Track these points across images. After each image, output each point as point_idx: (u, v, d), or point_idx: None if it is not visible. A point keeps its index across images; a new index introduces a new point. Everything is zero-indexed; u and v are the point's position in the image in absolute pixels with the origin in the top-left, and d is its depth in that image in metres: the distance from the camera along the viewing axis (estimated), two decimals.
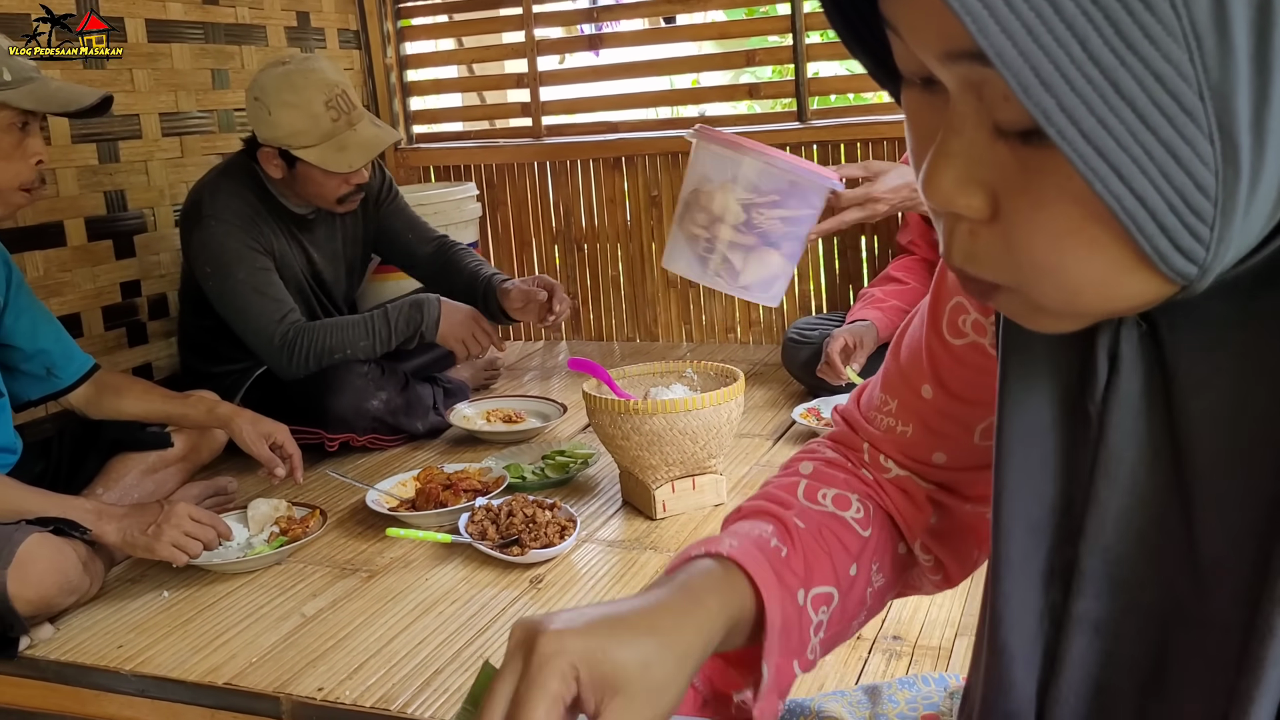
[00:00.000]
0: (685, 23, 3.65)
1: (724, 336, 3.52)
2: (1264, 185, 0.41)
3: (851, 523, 0.76)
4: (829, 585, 0.72)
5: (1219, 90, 0.38)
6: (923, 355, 0.75)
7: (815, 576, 0.72)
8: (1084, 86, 0.38)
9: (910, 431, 0.78)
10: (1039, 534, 0.59)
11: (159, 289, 2.91)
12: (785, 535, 0.72)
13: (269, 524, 2.09)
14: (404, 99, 3.81)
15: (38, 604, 1.72)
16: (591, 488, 2.27)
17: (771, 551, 0.70)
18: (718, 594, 0.64)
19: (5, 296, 2.02)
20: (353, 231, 2.75)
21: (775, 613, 0.66)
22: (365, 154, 2.41)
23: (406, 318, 2.48)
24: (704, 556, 0.67)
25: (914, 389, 0.77)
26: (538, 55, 3.60)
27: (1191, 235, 0.41)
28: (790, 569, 0.70)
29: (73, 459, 2.17)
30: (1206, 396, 0.50)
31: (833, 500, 0.77)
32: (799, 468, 0.82)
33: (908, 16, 0.45)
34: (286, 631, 1.74)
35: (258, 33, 3.21)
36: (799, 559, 0.71)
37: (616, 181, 3.54)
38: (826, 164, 3.26)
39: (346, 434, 2.51)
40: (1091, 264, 0.44)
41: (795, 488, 0.79)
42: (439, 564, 1.95)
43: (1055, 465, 0.58)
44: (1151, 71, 0.38)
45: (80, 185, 2.68)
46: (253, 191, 2.49)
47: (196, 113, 3.01)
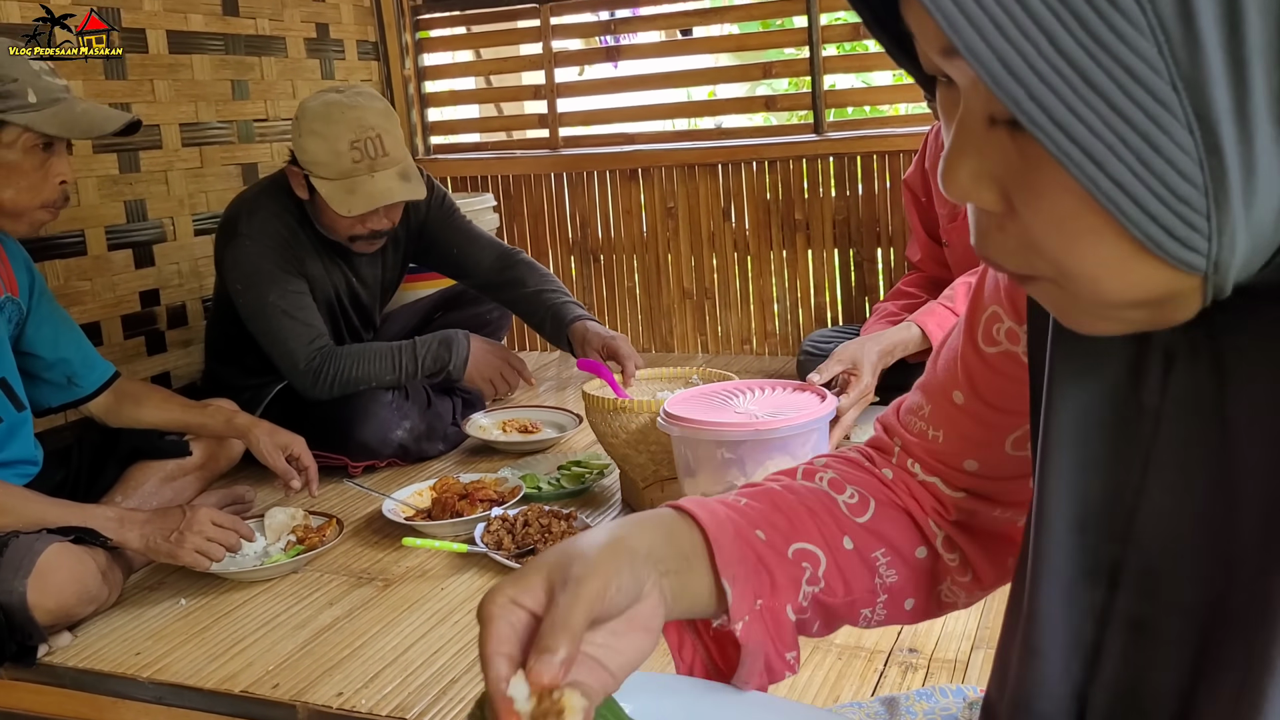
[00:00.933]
0: (703, 35, 3.66)
1: (739, 348, 3.52)
2: (1262, 175, 0.42)
3: (842, 504, 0.78)
4: (812, 544, 0.74)
5: (1192, 81, 0.40)
6: (957, 362, 0.77)
7: (797, 533, 0.73)
8: (1053, 78, 0.40)
9: (941, 437, 0.79)
10: (1083, 532, 0.59)
11: (178, 298, 2.93)
12: (759, 495, 0.75)
13: (286, 532, 2.10)
14: (422, 110, 3.83)
15: (57, 613, 1.72)
16: (607, 498, 2.27)
17: (730, 503, 0.73)
18: (649, 530, 0.67)
19: (29, 305, 2.04)
20: (391, 257, 2.74)
21: (717, 530, 0.68)
22: (369, 203, 2.36)
23: (434, 355, 2.47)
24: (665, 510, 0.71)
25: (947, 395, 0.78)
26: (555, 67, 3.61)
27: (1185, 224, 0.42)
28: (748, 516, 0.72)
29: (92, 467, 2.18)
30: (1259, 397, 0.50)
31: (829, 483, 0.79)
32: (814, 460, 0.84)
33: (914, 20, 0.48)
34: (303, 640, 1.74)
35: (277, 44, 3.23)
36: (772, 512, 0.74)
37: (633, 193, 3.55)
38: (844, 179, 3.26)
39: (369, 460, 2.52)
40: (1097, 251, 0.45)
41: (795, 471, 0.81)
42: (455, 574, 1.95)
43: (1104, 462, 0.58)
44: (1120, 64, 0.40)
45: (101, 195, 2.70)
46: (291, 214, 2.48)
47: (216, 123, 3.03)
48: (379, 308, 2.81)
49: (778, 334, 3.47)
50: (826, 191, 3.31)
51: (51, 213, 1.89)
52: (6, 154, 1.79)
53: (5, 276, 1.99)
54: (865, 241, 3.29)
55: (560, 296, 2.66)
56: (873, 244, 3.28)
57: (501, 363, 2.51)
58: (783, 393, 1.90)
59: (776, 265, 3.42)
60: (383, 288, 2.78)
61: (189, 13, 2.93)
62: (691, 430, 1.77)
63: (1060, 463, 0.59)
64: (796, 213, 3.35)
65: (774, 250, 3.41)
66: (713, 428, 1.75)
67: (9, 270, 2.01)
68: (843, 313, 3.37)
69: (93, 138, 1.93)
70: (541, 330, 2.67)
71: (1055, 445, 0.60)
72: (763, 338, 3.49)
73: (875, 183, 3.24)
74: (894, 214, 3.24)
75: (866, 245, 3.29)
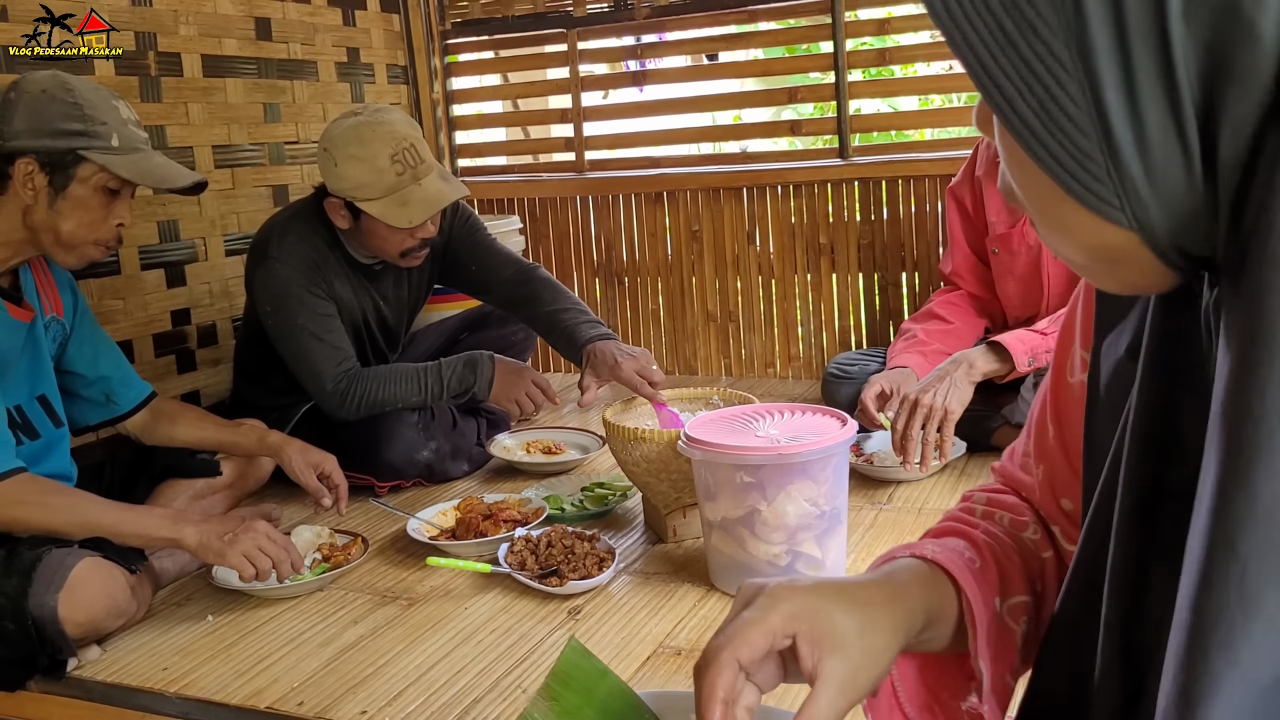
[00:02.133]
0: (728, 60, 3.69)
1: (764, 371, 3.53)
2: (1155, 146, 0.46)
3: (1029, 542, 0.80)
4: (1023, 595, 0.76)
5: (1083, 48, 0.45)
6: (1048, 395, 0.79)
7: (1011, 587, 0.75)
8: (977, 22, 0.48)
9: (1041, 474, 0.81)
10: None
11: (208, 317, 2.97)
12: (976, 549, 0.77)
13: (312, 550, 2.12)
14: (450, 133, 3.87)
15: (86, 627, 1.75)
16: (630, 520, 2.28)
17: (967, 561, 0.74)
18: (921, 586, 0.69)
19: (71, 324, 2.09)
20: (418, 278, 2.77)
21: (980, 610, 0.70)
22: (427, 209, 2.40)
23: (459, 377, 2.49)
24: (907, 558, 0.73)
25: (1044, 429, 0.80)
26: (582, 91, 3.65)
27: (1087, 174, 0.48)
28: (985, 579, 0.74)
29: (124, 484, 2.21)
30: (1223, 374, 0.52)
31: (1010, 523, 0.82)
32: (973, 498, 0.86)
33: None
34: (327, 657, 1.76)
35: (309, 68, 3.28)
36: (992, 570, 0.75)
37: (658, 216, 3.57)
38: (869, 203, 3.27)
39: (395, 480, 2.54)
40: (1039, 191, 0.51)
41: (974, 512, 0.83)
42: (478, 593, 1.96)
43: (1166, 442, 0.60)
44: (1026, 20, 0.46)
45: (135, 215, 2.74)
46: (321, 237, 2.51)
47: (248, 145, 3.07)
48: (404, 328, 2.84)
49: (802, 357, 3.47)
50: (851, 216, 3.32)
51: (102, 251, 1.95)
52: (78, 189, 1.86)
53: (51, 297, 2.04)
54: (890, 266, 3.29)
55: (575, 316, 2.61)
56: (898, 268, 3.29)
57: (525, 383, 2.52)
58: (804, 416, 1.90)
59: (801, 289, 3.43)
60: (409, 309, 2.80)
61: (223, 37, 2.98)
62: (712, 454, 1.78)
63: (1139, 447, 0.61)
64: (821, 237, 3.36)
65: (798, 274, 3.42)
66: (733, 452, 1.75)
67: (54, 291, 2.06)
68: (867, 336, 3.37)
69: (161, 190, 1.99)
70: (558, 349, 2.69)
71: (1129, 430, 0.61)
72: (786, 361, 3.50)
73: (900, 207, 3.25)
74: (919, 238, 3.24)
75: (891, 269, 3.29)
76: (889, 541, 2.04)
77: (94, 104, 1.87)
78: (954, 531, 0.79)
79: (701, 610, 1.82)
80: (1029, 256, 2.52)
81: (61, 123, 1.83)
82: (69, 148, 1.84)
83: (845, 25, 3.23)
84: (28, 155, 1.82)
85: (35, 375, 1.98)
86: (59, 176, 1.84)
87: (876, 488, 2.34)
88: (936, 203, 3.18)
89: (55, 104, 1.84)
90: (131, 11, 2.71)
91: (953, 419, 2.21)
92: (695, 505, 2.07)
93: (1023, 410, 2.37)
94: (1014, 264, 2.56)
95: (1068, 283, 2.47)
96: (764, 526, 1.77)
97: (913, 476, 2.32)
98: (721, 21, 3.43)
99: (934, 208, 3.20)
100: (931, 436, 2.21)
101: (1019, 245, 2.53)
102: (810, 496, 1.76)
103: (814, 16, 3.29)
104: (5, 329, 1.88)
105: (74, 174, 1.85)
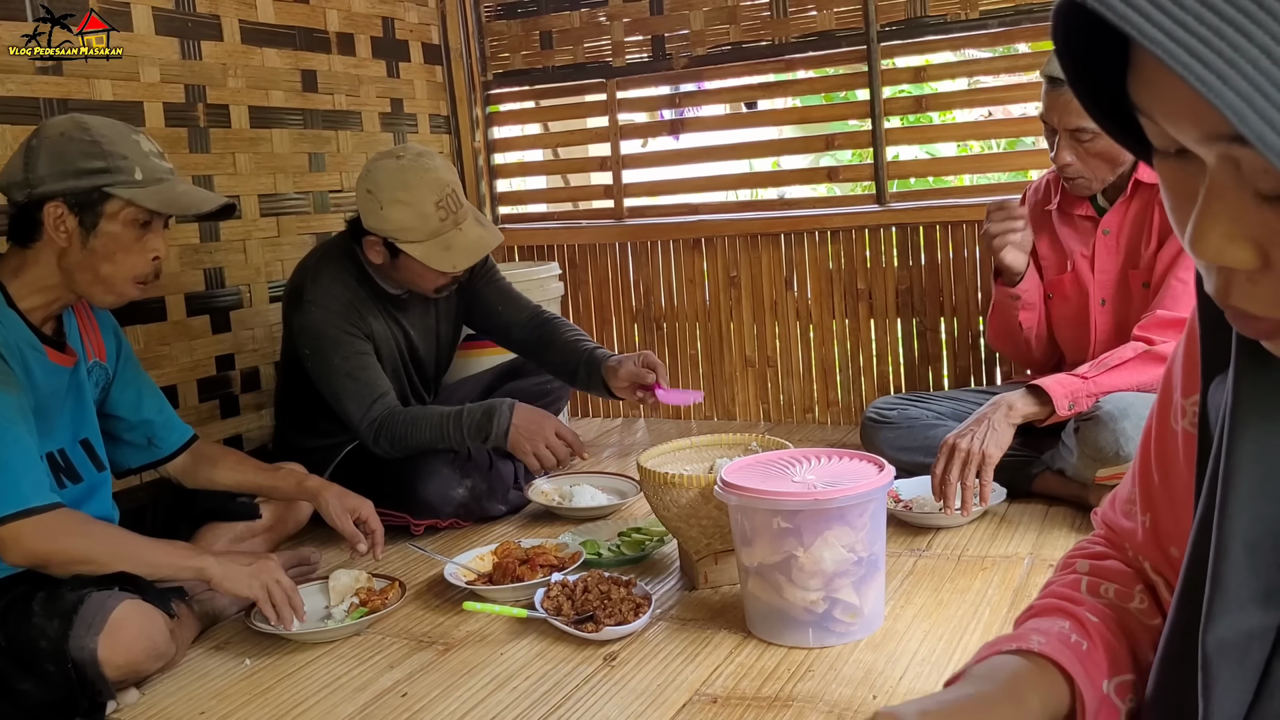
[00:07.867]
0: (766, 108, 3.71)
1: (802, 416, 3.51)
2: None
3: (1135, 614, 0.80)
4: (1129, 674, 0.76)
5: None
6: (1152, 442, 0.79)
7: (1117, 666, 0.76)
8: None
9: (1148, 521, 0.80)
10: (1257, 554, 0.60)
11: (251, 362, 3.01)
12: (1082, 630, 0.77)
13: (349, 595, 2.13)
14: (491, 181, 3.92)
15: (126, 669, 1.77)
16: (666, 566, 2.27)
17: (1074, 646, 0.75)
18: (1038, 691, 0.71)
19: (114, 369, 2.13)
20: (445, 307, 2.81)
21: (1090, 697, 0.71)
22: (471, 256, 2.48)
23: (478, 425, 2.49)
24: (1015, 653, 0.74)
25: (1148, 477, 0.80)
26: (621, 139, 3.69)
27: None
28: (1093, 661, 0.74)
29: (165, 527, 2.23)
30: None
31: (1115, 594, 0.82)
32: (1076, 566, 0.86)
33: (1162, 105, 0.50)
34: (364, 702, 1.76)
35: (354, 118, 3.34)
36: (1099, 651, 0.76)
37: (696, 262, 3.59)
38: (906, 249, 3.27)
39: (432, 519, 2.55)
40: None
41: (1078, 584, 0.83)
42: (514, 638, 1.96)
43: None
44: None
45: (182, 263, 2.80)
46: (351, 275, 2.56)
47: (293, 194, 3.13)
48: (436, 363, 2.86)
49: (840, 403, 3.46)
50: (889, 261, 3.31)
51: (141, 288, 1.97)
52: (108, 225, 1.88)
53: (95, 343, 2.08)
54: (929, 311, 3.28)
55: (587, 343, 2.75)
56: (936, 313, 3.27)
57: (546, 434, 2.48)
58: (842, 462, 1.89)
59: (839, 334, 3.42)
60: (438, 340, 2.83)
61: (270, 89, 3.05)
62: (748, 499, 1.77)
63: (1238, 485, 0.61)
64: (859, 282, 3.36)
65: (836, 319, 3.41)
66: (770, 496, 1.75)
67: (98, 337, 2.09)
68: (905, 381, 3.35)
69: (189, 216, 2.02)
70: (576, 380, 2.71)
71: (1235, 471, 0.61)
72: (825, 406, 3.48)
73: (939, 253, 3.24)
74: (957, 284, 3.23)
75: (930, 315, 3.28)
76: (928, 589, 2.01)
77: (112, 140, 1.89)
78: (1057, 610, 0.79)
79: (738, 657, 1.81)
80: (1080, 302, 2.51)
81: (83, 161, 1.86)
82: (93, 185, 1.86)
83: (882, 73, 3.25)
84: (55, 199, 1.85)
85: (78, 419, 2.01)
86: (88, 216, 1.87)
87: (915, 534, 2.32)
88: (974, 248, 3.17)
89: (75, 144, 1.86)
90: (182, 65, 2.78)
91: (991, 463, 2.19)
92: (727, 551, 2.06)
93: (1064, 456, 2.34)
94: (1066, 309, 2.55)
95: (1114, 329, 2.45)
96: (801, 573, 1.75)
97: (953, 522, 2.30)
98: (759, 71, 3.46)
99: (972, 253, 3.19)
100: (971, 481, 2.19)
101: (1071, 290, 2.52)
102: (848, 542, 1.74)
103: (850, 65, 3.31)
104: (47, 374, 1.92)
105: (102, 211, 1.87)
